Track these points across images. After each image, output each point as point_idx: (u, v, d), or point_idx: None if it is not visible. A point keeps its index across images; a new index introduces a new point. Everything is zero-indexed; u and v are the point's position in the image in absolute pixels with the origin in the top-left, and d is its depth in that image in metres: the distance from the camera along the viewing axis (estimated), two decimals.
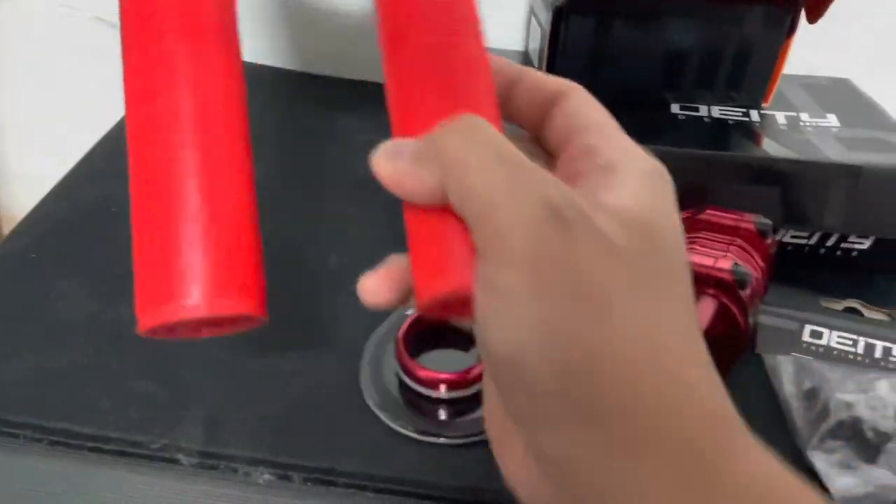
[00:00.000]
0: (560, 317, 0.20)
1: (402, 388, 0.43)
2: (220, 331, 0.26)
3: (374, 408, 0.42)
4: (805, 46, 0.58)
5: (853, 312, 0.50)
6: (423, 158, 0.23)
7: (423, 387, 0.42)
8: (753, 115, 0.57)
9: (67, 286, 0.49)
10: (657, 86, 0.58)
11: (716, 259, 0.42)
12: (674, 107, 0.57)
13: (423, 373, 0.42)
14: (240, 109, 0.26)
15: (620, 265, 0.21)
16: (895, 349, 0.46)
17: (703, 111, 0.57)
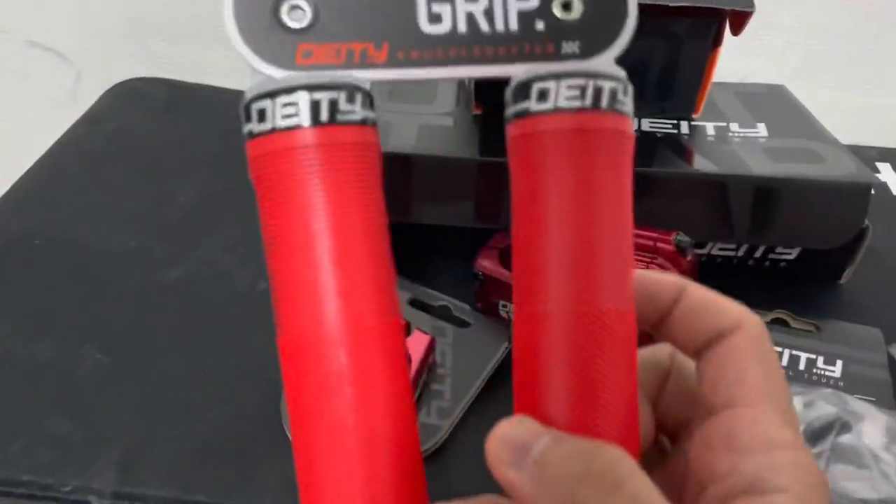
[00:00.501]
0: None
1: None
2: None
3: None
4: (742, 54, 0.58)
5: (780, 323, 0.50)
6: (552, 494, 0.20)
7: None
8: (683, 128, 0.57)
9: None
10: None
11: None
12: None
13: None
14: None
15: None
16: (819, 361, 0.47)
17: (633, 124, 0.57)
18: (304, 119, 0.22)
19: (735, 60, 0.59)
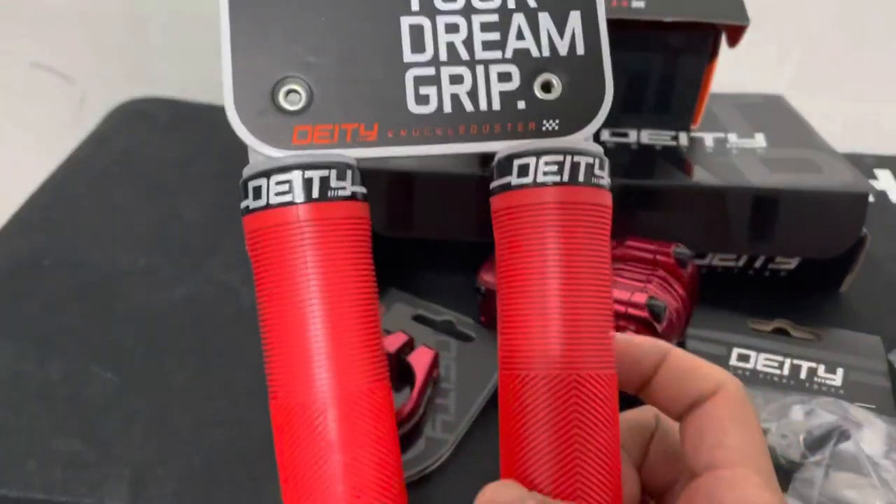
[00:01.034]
0: None
1: None
2: None
3: None
4: (739, 64, 0.59)
5: (781, 332, 0.50)
6: None
7: None
8: (682, 139, 0.57)
9: None
10: None
11: (632, 293, 0.43)
12: (604, 133, 0.58)
13: None
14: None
15: None
16: (820, 369, 0.47)
17: (633, 136, 0.57)
18: (297, 196, 0.23)
19: (733, 71, 0.59)
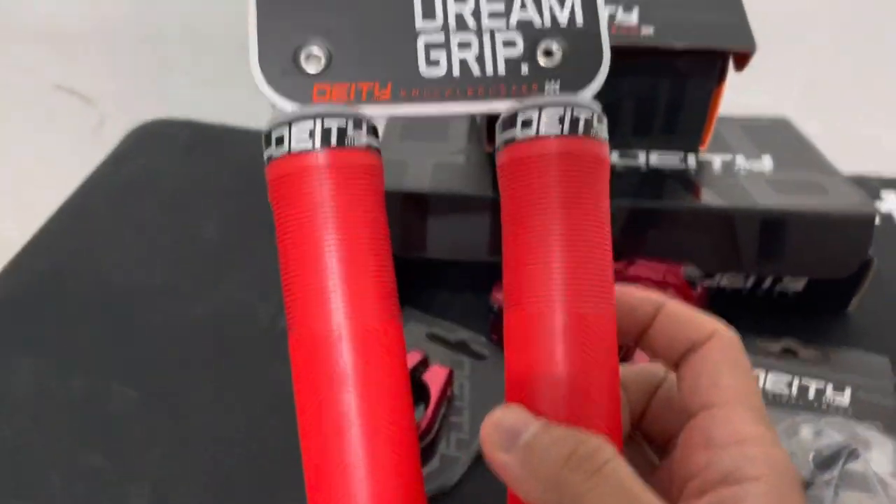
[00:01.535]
0: None
1: None
2: None
3: None
4: (747, 87, 0.60)
5: (789, 352, 0.51)
6: (539, 475, 0.22)
7: None
8: (690, 161, 0.58)
9: (17, 360, 0.50)
10: None
11: None
12: (613, 155, 0.59)
13: None
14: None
15: None
16: (828, 389, 0.48)
17: (642, 159, 0.58)
18: (317, 143, 0.25)
19: (741, 93, 0.60)
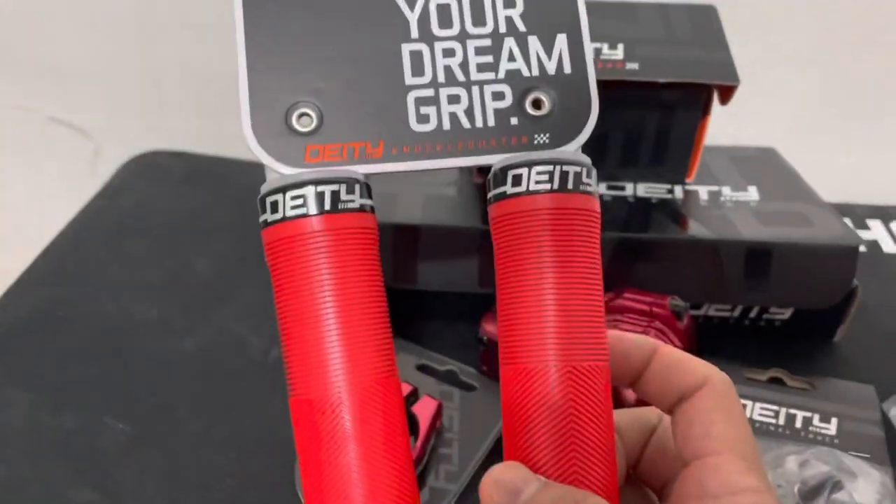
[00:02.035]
0: None
1: None
2: None
3: None
4: (733, 118, 0.61)
5: (777, 382, 0.52)
6: None
7: None
8: (677, 192, 0.59)
9: (10, 394, 0.50)
10: None
11: None
12: (601, 186, 0.59)
13: None
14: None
15: None
16: (815, 419, 0.48)
17: (629, 190, 0.59)
18: (311, 208, 0.25)
19: (727, 124, 0.61)
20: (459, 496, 0.44)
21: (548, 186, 0.26)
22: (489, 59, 0.27)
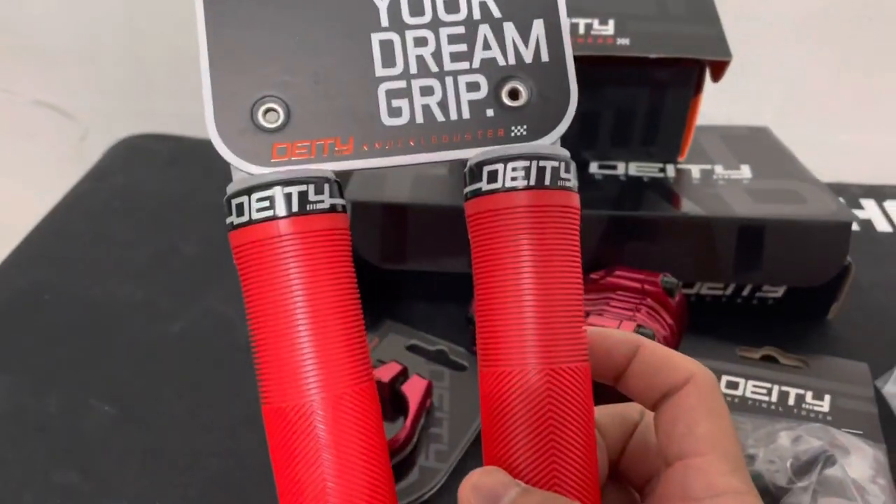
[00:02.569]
0: None
1: None
2: None
3: None
4: (725, 97, 0.60)
5: (770, 360, 0.51)
6: None
7: None
8: (669, 171, 0.59)
9: None
10: (575, 145, 0.60)
11: (620, 322, 0.43)
12: (592, 165, 0.59)
13: None
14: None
15: None
16: (808, 396, 0.48)
17: (621, 169, 0.59)
18: (279, 210, 0.24)
19: (720, 103, 0.61)
20: (449, 475, 0.43)
21: (525, 183, 0.25)
22: (463, 48, 0.26)
